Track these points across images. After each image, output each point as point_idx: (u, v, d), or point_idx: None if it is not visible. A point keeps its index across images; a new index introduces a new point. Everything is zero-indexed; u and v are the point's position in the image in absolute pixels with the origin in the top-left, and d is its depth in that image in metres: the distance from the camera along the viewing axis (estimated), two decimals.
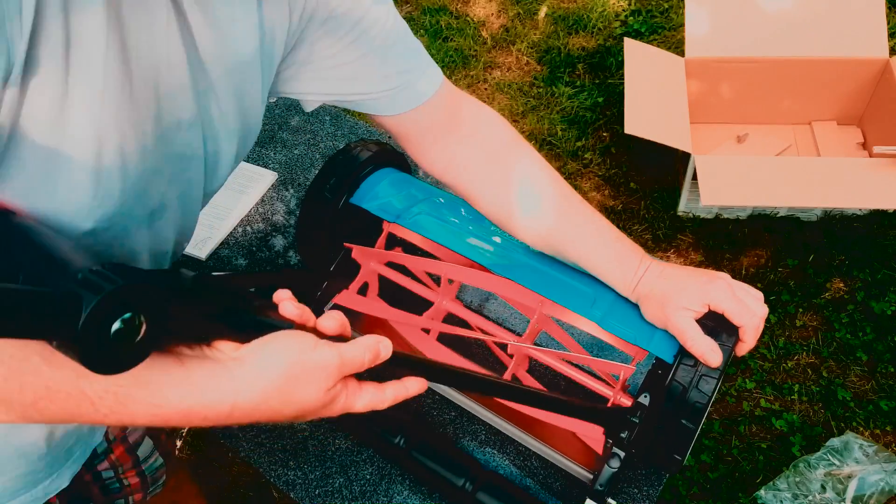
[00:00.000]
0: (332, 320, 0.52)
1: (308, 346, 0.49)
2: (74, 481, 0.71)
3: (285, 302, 0.51)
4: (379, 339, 0.52)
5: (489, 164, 0.77)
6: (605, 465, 0.73)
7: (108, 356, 0.38)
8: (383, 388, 0.55)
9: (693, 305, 0.70)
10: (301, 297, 0.54)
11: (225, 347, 0.48)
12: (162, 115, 0.50)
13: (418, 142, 0.77)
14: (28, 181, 0.44)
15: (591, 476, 0.77)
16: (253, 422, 0.48)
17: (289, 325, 0.50)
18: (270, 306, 0.51)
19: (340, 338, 0.52)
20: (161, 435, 0.91)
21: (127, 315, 0.38)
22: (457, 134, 0.77)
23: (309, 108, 0.74)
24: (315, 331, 0.51)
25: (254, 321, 0.49)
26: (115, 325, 0.37)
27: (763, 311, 0.71)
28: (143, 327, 0.39)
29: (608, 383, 0.83)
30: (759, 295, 0.72)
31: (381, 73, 0.69)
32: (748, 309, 0.70)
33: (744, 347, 0.71)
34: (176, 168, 0.55)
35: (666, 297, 0.71)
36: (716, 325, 0.69)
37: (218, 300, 0.48)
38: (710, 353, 0.68)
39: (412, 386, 0.57)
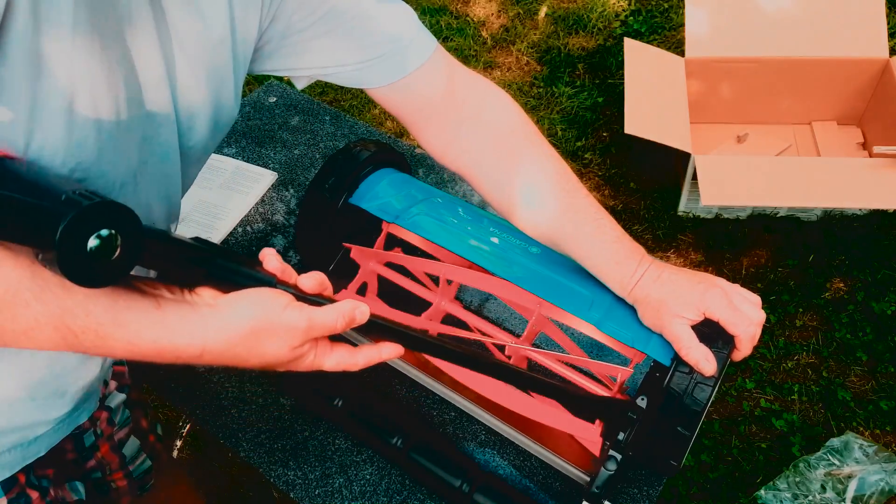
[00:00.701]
0: (312, 279, 0.55)
1: (279, 305, 0.51)
2: (64, 476, 0.71)
3: (269, 256, 0.55)
4: (356, 304, 0.54)
5: (494, 151, 0.76)
6: (602, 468, 0.73)
7: (86, 269, 0.41)
8: (356, 351, 0.56)
9: (688, 313, 0.70)
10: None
11: (205, 294, 0.51)
12: (132, 73, 0.51)
13: (413, 118, 0.76)
14: (8, 106, 0.45)
15: (588, 478, 0.77)
16: (222, 364, 0.52)
17: (270, 279, 0.53)
18: (255, 261, 0.54)
19: (319, 298, 0.55)
20: (149, 436, 0.90)
21: (104, 232, 0.41)
22: (457, 113, 0.76)
23: (300, 85, 0.74)
24: (296, 287, 0.54)
25: (235, 271, 0.52)
26: (92, 242, 0.41)
27: (760, 317, 0.70)
28: (119, 247, 0.42)
29: (606, 385, 0.83)
30: (757, 300, 0.72)
31: (360, 42, 0.68)
32: (744, 317, 0.69)
33: (739, 355, 0.71)
34: (149, 129, 0.55)
35: (662, 304, 0.70)
36: (711, 331, 0.69)
37: (203, 248, 0.51)
38: (704, 361, 0.68)
39: (386, 350, 0.58)
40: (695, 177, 1.79)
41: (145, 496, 0.91)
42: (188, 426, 1.60)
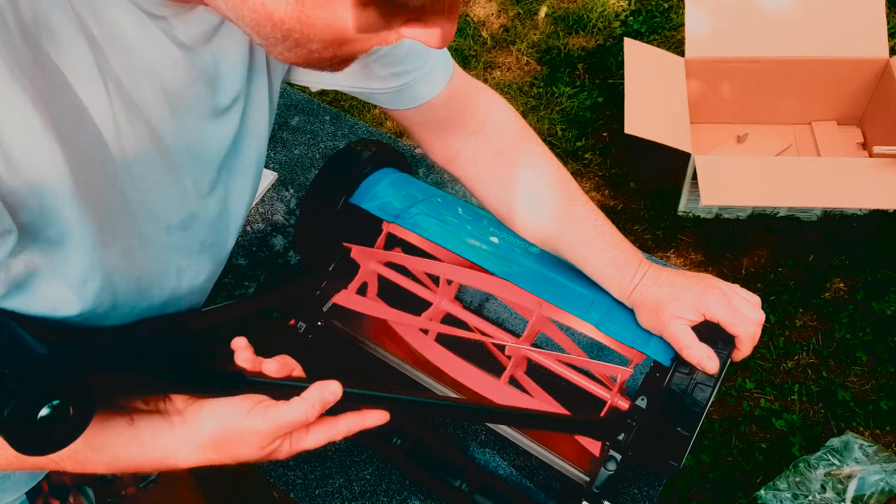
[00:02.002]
0: (276, 363, 0.55)
1: (241, 412, 0.51)
2: (79, 481, 0.71)
3: (240, 351, 0.54)
4: (323, 387, 0.53)
5: (494, 160, 0.77)
6: (602, 468, 0.73)
7: (35, 440, 0.41)
8: (336, 422, 0.55)
9: (687, 314, 0.70)
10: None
11: (177, 400, 0.52)
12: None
13: (423, 135, 0.78)
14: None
15: (588, 478, 0.77)
16: (198, 466, 0.53)
17: (237, 379, 0.52)
18: (224, 355, 0.54)
19: (289, 382, 0.54)
20: None
21: (55, 402, 0.41)
22: (465, 129, 0.77)
23: (314, 88, 0.76)
24: (262, 375, 0.54)
25: (200, 380, 0.52)
26: (43, 412, 0.40)
27: (759, 317, 0.70)
28: (71, 412, 0.42)
29: (606, 385, 0.83)
30: (756, 300, 0.72)
31: (381, 74, 0.69)
32: (744, 317, 0.69)
33: (740, 355, 0.71)
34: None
35: (661, 306, 0.71)
36: (710, 332, 0.69)
37: (172, 356, 0.52)
38: (706, 360, 0.68)
39: (370, 418, 0.56)
40: (695, 177, 1.79)
41: (147, 495, 0.91)
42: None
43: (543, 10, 2.65)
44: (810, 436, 1.60)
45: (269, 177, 1.19)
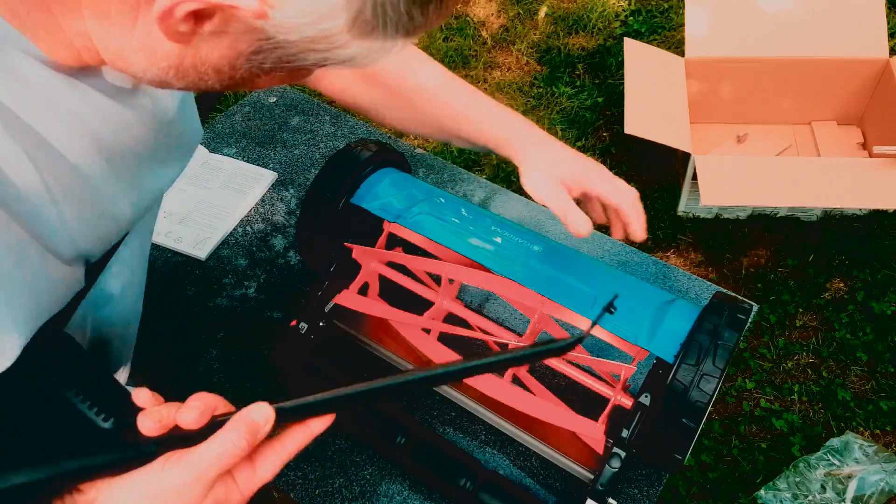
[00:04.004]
0: (190, 413, 0.45)
1: (154, 474, 0.44)
2: None
3: (143, 417, 0.44)
4: (249, 412, 0.45)
5: (385, 81, 0.80)
6: (606, 465, 0.73)
7: None
8: (282, 442, 0.47)
9: (568, 180, 0.73)
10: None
11: (88, 491, 0.45)
12: None
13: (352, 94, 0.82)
14: None
15: (592, 476, 0.77)
16: None
17: (148, 448, 0.44)
18: (125, 427, 0.45)
19: (214, 425, 0.45)
20: None
21: None
22: (387, 81, 0.80)
23: None
24: (178, 429, 0.45)
25: (104, 465, 0.44)
26: None
27: (636, 193, 0.75)
28: None
29: (609, 383, 0.83)
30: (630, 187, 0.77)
31: None
32: (622, 189, 0.74)
33: (634, 231, 0.74)
34: None
35: (547, 169, 0.73)
36: (716, 326, 0.69)
37: (63, 459, 0.43)
38: (581, 224, 0.70)
39: (317, 425, 0.48)
40: (695, 177, 1.79)
41: None
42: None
43: (543, 10, 2.65)
44: (810, 436, 1.60)
45: (269, 177, 1.19)
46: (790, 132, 2.11)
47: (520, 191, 2.22)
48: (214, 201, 1.16)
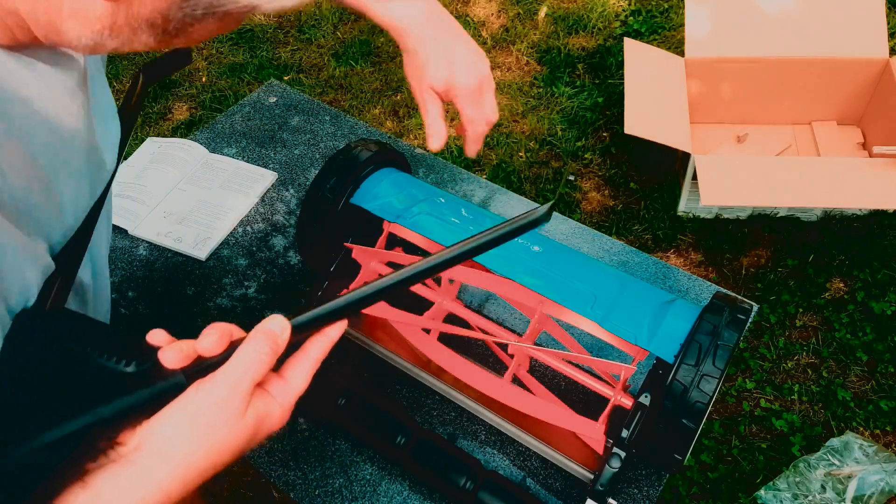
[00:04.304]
0: (210, 338, 0.45)
1: (190, 398, 0.44)
2: None
3: (164, 352, 0.45)
4: (264, 324, 0.46)
5: None
6: (606, 465, 0.73)
7: None
8: (305, 351, 0.49)
9: (439, 88, 0.76)
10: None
11: (125, 438, 0.44)
12: None
13: None
14: None
15: (592, 476, 0.77)
16: (193, 485, 0.44)
17: (178, 375, 0.44)
18: (150, 365, 0.45)
19: (236, 344, 0.46)
20: None
21: None
22: None
23: None
24: (201, 358, 0.46)
25: (137, 402, 0.44)
26: None
27: (496, 117, 0.77)
28: None
29: (609, 383, 0.83)
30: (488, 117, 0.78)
31: None
32: (482, 116, 0.76)
33: (466, 148, 0.80)
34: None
35: (421, 65, 0.75)
36: (716, 326, 0.69)
37: (97, 406, 0.43)
38: (436, 136, 0.74)
39: (334, 330, 0.50)
40: (695, 177, 1.79)
41: None
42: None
43: (543, 10, 2.65)
44: (810, 436, 1.60)
45: (269, 177, 1.19)
46: (790, 132, 2.11)
47: (520, 191, 2.22)
48: (214, 201, 1.16)
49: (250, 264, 1.08)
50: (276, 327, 0.46)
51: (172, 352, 0.45)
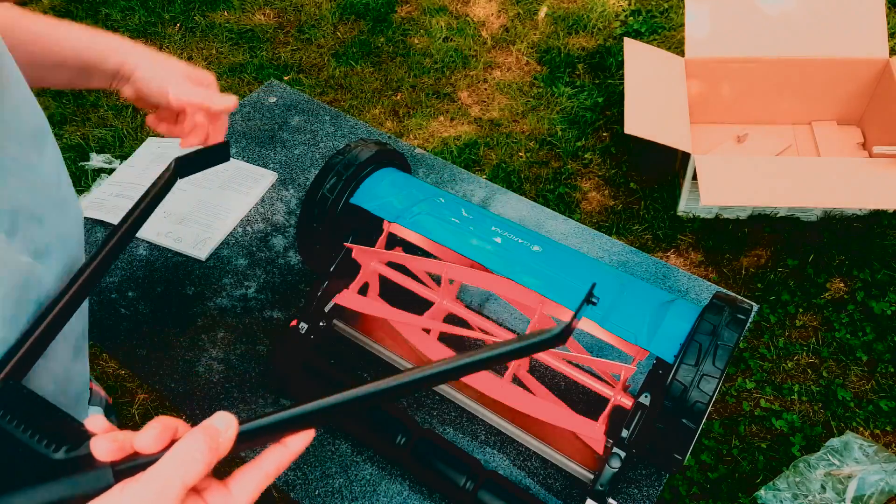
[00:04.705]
0: (150, 432, 0.40)
1: (112, 497, 0.39)
2: None
3: (97, 441, 0.40)
4: (208, 420, 0.41)
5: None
6: (606, 465, 0.73)
7: None
8: (258, 463, 0.43)
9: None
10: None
11: None
12: None
13: None
14: None
15: (592, 476, 0.77)
16: None
17: (106, 472, 0.40)
18: (80, 454, 0.41)
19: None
20: None
21: None
22: None
23: None
24: (136, 456, 0.41)
25: (64, 493, 0.40)
26: None
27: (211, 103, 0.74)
28: None
29: (609, 383, 0.83)
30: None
31: None
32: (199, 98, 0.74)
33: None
34: None
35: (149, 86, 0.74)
36: (716, 326, 0.69)
37: (17, 487, 0.40)
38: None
39: (295, 443, 0.43)
40: (695, 177, 1.79)
41: None
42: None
43: (543, 10, 2.65)
44: (810, 436, 1.60)
45: (269, 177, 1.19)
46: (790, 132, 2.11)
47: (520, 190, 2.22)
48: (214, 201, 1.16)
49: (250, 264, 1.08)
50: (221, 424, 0.41)
51: (105, 441, 0.40)
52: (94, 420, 0.43)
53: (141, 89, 0.74)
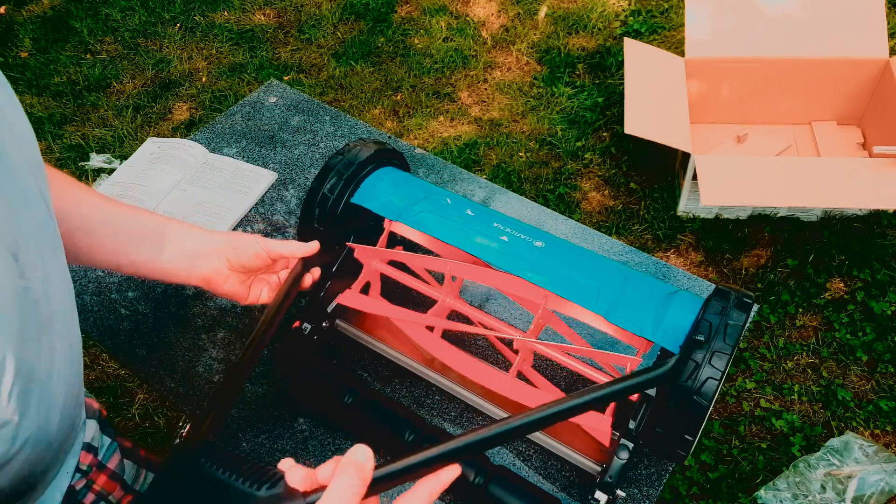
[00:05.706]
0: (329, 467, 0.49)
1: None
2: None
3: (290, 470, 0.49)
4: (350, 455, 0.48)
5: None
6: (615, 457, 0.73)
7: None
8: (414, 491, 0.52)
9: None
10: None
11: None
12: None
13: None
14: None
15: (599, 469, 0.77)
16: None
17: (300, 500, 0.48)
18: (280, 493, 0.49)
19: None
20: (139, 451, 0.87)
21: None
22: None
23: None
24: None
25: None
26: None
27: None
28: None
29: (613, 376, 0.82)
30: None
31: None
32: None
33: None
34: None
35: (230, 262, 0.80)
36: (724, 308, 0.69)
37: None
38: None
39: (446, 474, 0.53)
40: (695, 177, 1.79)
41: None
42: (188, 426, 1.60)
43: (543, 10, 2.65)
44: (810, 436, 1.60)
45: (269, 177, 1.19)
46: (790, 132, 2.11)
47: (520, 191, 2.22)
48: (214, 201, 1.16)
49: None
50: (362, 457, 0.49)
51: (297, 471, 0.48)
52: (285, 462, 0.50)
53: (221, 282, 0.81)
